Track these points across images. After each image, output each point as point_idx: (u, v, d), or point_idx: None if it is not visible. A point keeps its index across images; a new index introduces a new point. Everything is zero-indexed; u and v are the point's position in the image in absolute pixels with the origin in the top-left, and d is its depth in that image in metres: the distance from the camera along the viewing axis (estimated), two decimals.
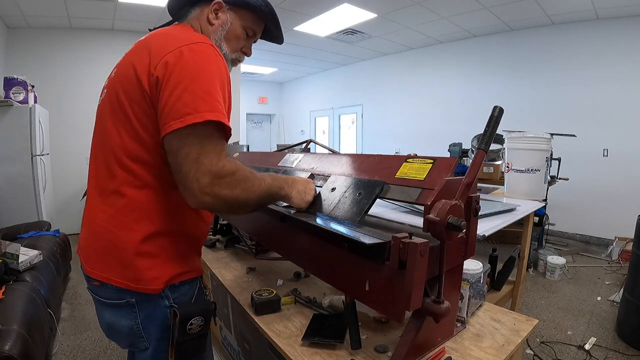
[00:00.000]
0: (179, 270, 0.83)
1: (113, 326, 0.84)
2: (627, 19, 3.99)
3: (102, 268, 0.80)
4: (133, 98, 0.74)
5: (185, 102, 0.68)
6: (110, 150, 0.78)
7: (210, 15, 0.87)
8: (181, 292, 0.84)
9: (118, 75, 0.80)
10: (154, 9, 4.15)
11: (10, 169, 3.36)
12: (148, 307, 0.80)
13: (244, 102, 6.59)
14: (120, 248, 0.77)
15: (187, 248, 0.86)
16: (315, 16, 4.50)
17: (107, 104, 0.81)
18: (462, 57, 5.48)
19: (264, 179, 0.80)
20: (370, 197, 0.86)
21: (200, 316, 0.82)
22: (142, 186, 0.77)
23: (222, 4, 0.88)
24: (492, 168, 3.02)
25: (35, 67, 4.35)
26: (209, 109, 0.68)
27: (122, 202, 0.77)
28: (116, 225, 0.78)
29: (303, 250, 0.98)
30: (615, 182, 4.20)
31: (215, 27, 0.88)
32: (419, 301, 0.66)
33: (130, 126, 0.75)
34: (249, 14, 0.91)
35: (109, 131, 0.79)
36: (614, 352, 2.09)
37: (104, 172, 0.80)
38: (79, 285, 3.04)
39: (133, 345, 0.86)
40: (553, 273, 3.24)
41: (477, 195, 0.78)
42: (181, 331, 0.79)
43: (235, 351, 1.53)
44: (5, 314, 1.59)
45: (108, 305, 0.82)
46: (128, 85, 0.75)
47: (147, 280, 0.78)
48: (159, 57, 0.71)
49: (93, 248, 0.82)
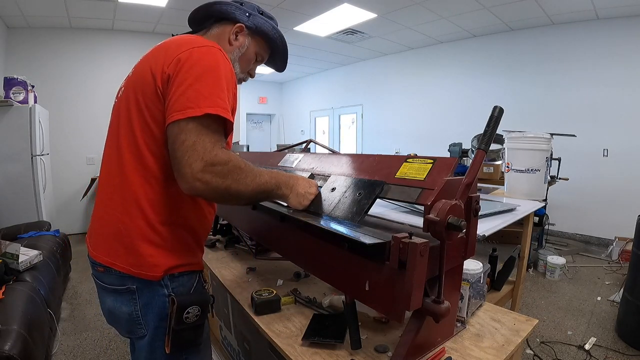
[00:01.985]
0: (180, 261, 0.86)
1: (114, 312, 0.88)
2: (627, 19, 3.99)
3: (108, 253, 0.84)
4: (147, 94, 0.79)
5: (189, 98, 0.73)
6: (123, 143, 0.83)
7: (231, 36, 0.95)
8: (180, 283, 0.87)
9: (135, 75, 0.85)
10: (154, 9, 4.15)
11: (10, 169, 3.36)
12: (147, 294, 0.83)
13: (244, 102, 6.60)
14: (126, 235, 0.81)
15: (190, 241, 0.89)
16: (315, 16, 4.51)
17: (124, 101, 0.85)
18: (462, 57, 5.48)
19: (261, 174, 0.83)
20: (370, 197, 0.86)
21: (197, 305, 0.84)
22: (149, 177, 0.81)
23: (244, 28, 0.95)
24: (492, 168, 3.02)
25: (35, 67, 4.35)
26: (209, 104, 0.73)
27: (131, 192, 0.81)
28: (124, 213, 0.82)
29: (303, 250, 0.98)
30: (615, 182, 4.20)
31: (233, 48, 0.95)
32: (419, 301, 0.66)
33: (143, 120, 0.80)
34: (263, 43, 1.00)
35: (123, 125, 0.84)
36: (614, 352, 2.09)
37: (116, 162, 0.84)
38: (79, 285, 3.04)
39: (132, 332, 0.88)
40: (553, 273, 3.24)
41: (477, 195, 0.78)
42: (178, 319, 0.82)
43: (235, 351, 1.53)
44: (5, 314, 1.58)
45: (110, 291, 0.86)
46: (143, 83, 0.80)
47: (148, 267, 0.81)
48: (172, 56, 0.77)
49: (101, 234, 0.86)
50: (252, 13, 0.97)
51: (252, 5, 0.99)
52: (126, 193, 0.82)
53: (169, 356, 0.85)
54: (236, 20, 0.95)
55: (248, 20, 0.95)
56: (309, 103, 8.65)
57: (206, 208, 0.93)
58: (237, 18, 0.94)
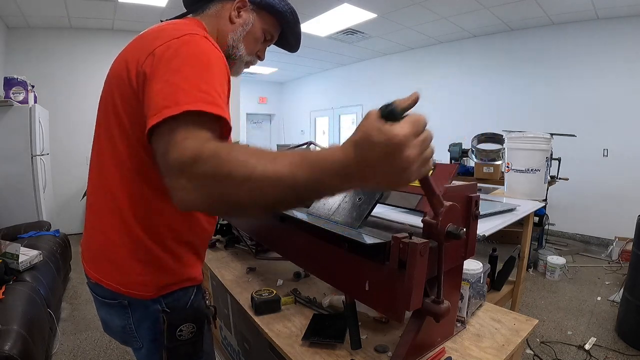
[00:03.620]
0: (174, 279, 0.79)
1: (108, 324, 0.83)
2: (627, 19, 3.98)
3: (95, 269, 0.78)
4: (124, 95, 0.68)
5: (165, 95, 0.57)
6: (104, 151, 0.74)
7: (232, 12, 0.82)
8: (175, 297, 0.80)
9: (112, 71, 0.74)
10: (154, 9, 4.15)
11: (10, 169, 3.36)
12: (140, 309, 0.78)
13: (244, 102, 6.59)
14: (112, 251, 0.75)
15: (185, 254, 0.81)
16: (315, 16, 4.50)
17: (102, 102, 0.76)
18: (462, 57, 5.48)
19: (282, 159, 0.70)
20: (370, 203, 0.86)
21: (191, 323, 0.80)
22: (132, 186, 0.72)
23: (247, 3, 0.82)
24: (492, 168, 3.02)
25: (35, 67, 4.34)
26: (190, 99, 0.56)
27: (115, 203, 0.73)
28: (110, 228, 0.74)
29: (303, 250, 0.98)
30: (615, 182, 4.19)
31: (235, 26, 0.83)
32: (419, 301, 0.66)
33: (122, 127, 0.70)
34: (271, 18, 0.87)
35: (101, 131, 0.75)
36: (614, 352, 2.09)
37: (97, 173, 0.77)
38: (79, 285, 3.04)
39: (127, 343, 0.84)
40: (553, 273, 3.23)
41: (477, 195, 0.78)
42: (170, 337, 0.77)
43: (235, 351, 1.53)
44: (5, 314, 1.59)
45: (103, 304, 0.81)
46: (120, 82, 0.69)
47: (137, 286, 0.75)
48: (148, 50, 0.65)
49: (89, 248, 0.81)
50: None
51: None
52: (111, 204, 0.73)
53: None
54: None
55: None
56: (309, 103, 8.64)
57: (202, 217, 0.83)
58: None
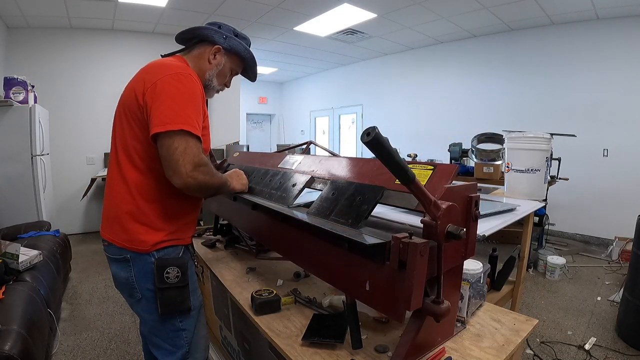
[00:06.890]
0: (165, 238, 1.06)
1: (116, 277, 1.10)
2: (627, 19, 3.99)
3: (110, 232, 1.07)
4: (133, 111, 1.02)
5: (167, 115, 0.94)
6: (119, 145, 1.06)
7: (210, 56, 1.15)
8: (165, 253, 1.06)
9: (124, 97, 1.07)
10: (154, 9, 4.15)
11: (10, 169, 3.36)
12: (139, 263, 1.04)
13: (244, 102, 6.58)
14: (122, 217, 1.04)
15: (176, 221, 1.09)
16: (315, 16, 4.50)
17: (117, 114, 1.10)
18: (462, 57, 5.48)
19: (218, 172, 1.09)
20: (370, 203, 0.86)
21: (174, 266, 1.04)
22: (138, 171, 1.03)
23: (221, 49, 1.15)
24: (492, 168, 3.02)
25: (35, 67, 4.34)
26: (182, 121, 0.93)
27: (125, 183, 1.03)
28: (121, 200, 1.04)
29: (303, 250, 0.98)
30: (615, 182, 4.20)
31: (211, 66, 1.16)
32: (419, 301, 0.66)
33: (131, 128, 1.03)
34: (237, 59, 1.21)
35: (118, 132, 1.07)
36: (614, 352, 2.09)
37: (115, 161, 1.07)
38: (79, 285, 3.04)
39: (131, 295, 1.08)
40: (553, 273, 3.24)
41: (477, 195, 0.78)
42: (159, 278, 1.02)
43: (235, 351, 1.53)
44: (5, 314, 1.58)
45: (113, 260, 1.08)
46: (130, 104, 1.03)
47: (138, 242, 1.03)
48: (151, 81, 0.98)
49: (107, 217, 1.09)
50: (229, 35, 1.16)
51: (229, 28, 1.19)
52: (122, 184, 1.04)
53: (164, 319, 1.07)
54: (214, 43, 1.14)
55: (225, 43, 1.15)
56: (309, 103, 8.65)
57: (187, 197, 1.08)
58: (215, 40, 1.14)
